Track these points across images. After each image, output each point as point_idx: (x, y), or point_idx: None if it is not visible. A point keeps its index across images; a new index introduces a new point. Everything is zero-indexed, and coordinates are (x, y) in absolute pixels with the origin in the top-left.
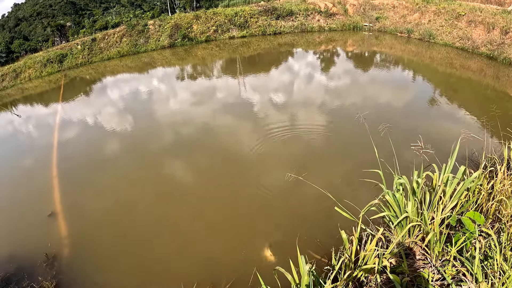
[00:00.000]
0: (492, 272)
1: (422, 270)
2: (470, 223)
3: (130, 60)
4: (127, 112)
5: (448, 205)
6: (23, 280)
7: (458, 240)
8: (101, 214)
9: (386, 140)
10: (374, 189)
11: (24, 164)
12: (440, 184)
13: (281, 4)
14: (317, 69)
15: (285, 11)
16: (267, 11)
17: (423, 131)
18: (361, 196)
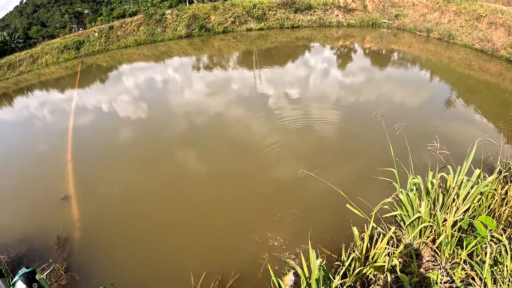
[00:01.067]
0: (501, 278)
1: (431, 272)
2: (481, 228)
3: (147, 49)
4: (142, 100)
5: (461, 208)
6: (34, 261)
7: (469, 243)
8: (113, 199)
9: (401, 139)
10: (387, 188)
11: (39, 148)
12: (454, 186)
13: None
14: (333, 65)
15: (303, 4)
16: (286, 4)
17: (439, 132)
18: (374, 194)
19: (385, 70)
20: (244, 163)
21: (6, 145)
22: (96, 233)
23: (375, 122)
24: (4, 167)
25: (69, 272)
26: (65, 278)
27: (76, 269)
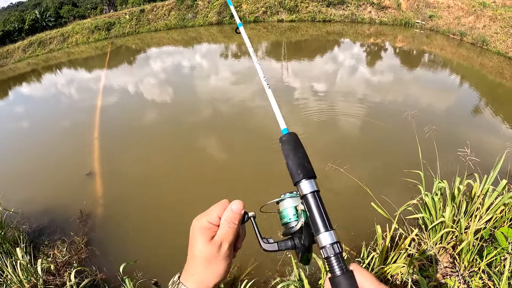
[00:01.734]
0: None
1: (449, 278)
2: (503, 239)
3: (177, 34)
4: (168, 84)
5: (484, 217)
6: (55, 233)
7: (489, 253)
8: (135, 179)
9: (430, 142)
10: (411, 190)
11: (67, 124)
12: (479, 194)
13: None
14: (363, 62)
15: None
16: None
17: (467, 139)
18: (398, 194)
19: (415, 71)
20: (265, 152)
21: (34, 121)
22: (117, 210)
23: (403, 123)
24: (32, 141)
25: (89, 246)
26: (85, 252)
27: (96, 244)
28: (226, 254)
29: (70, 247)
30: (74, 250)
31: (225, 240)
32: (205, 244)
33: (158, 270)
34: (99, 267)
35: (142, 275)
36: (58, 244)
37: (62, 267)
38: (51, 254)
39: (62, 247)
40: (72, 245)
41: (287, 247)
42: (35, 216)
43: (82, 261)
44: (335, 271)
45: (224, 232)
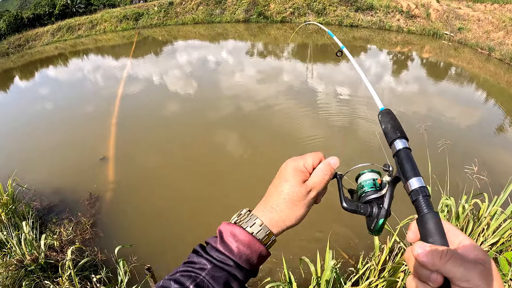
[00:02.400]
0: None
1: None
2: (505, 264)
3: (204, 28)
4: (192, 78)
5: (488, 239)
6: (64, 212)
7: None
8: (147, 168)
9: (442, 157)
10: None
11: (87, 108)
12: (486, 215)
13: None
14: (388, 70)
15: (365, 4)
16: (347, 2)
17: (482, 157)
18: (404, 207)
19: (440, 83)
20: (281, 152)
21: (57, 103)
22: (126, 197)
23: (418, 135)
24: (53, 122)
25: (94, 228)
26: (89, 233)
27: (101, 226)
28: (310, 201)
29: (76, 226)
30: (80, 230)
31: (314, 188)
32: (297, 185)
33: (154, 258)
34: (100, 248)
35: (136, 260)
36: (65, 223)
37: (66, 245)
38: (57, 231)
39: (68, 226)
40: (78, 225)
41: (365, 211)
42: (46, 194)
43: (86, 241)
44: (423, 210)
45: (316, 180)
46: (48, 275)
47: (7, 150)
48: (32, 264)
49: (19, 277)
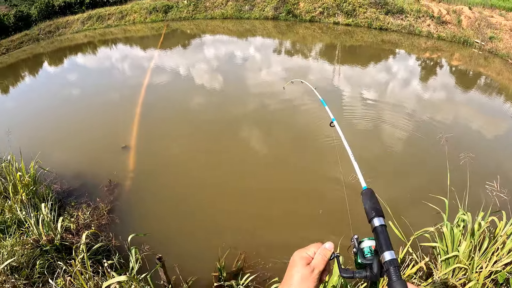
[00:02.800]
0: None
1: None
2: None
3: (232, 24)
4: (218, 72)
5: (503, 259)
6: (83, 196)
7: None
8: (167, 159)
9: (463, 170)
10: (434, 216)
11: (113, 97)
12: (502, 234)
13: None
14: (415, 76)
15: (396, 7)
16: (378, 4)
17: (505, 173)
18: (418, 217)
19: (468, 93)
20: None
21: (84, 88)
22: (144, 186)
23: (439, 145)
24: (78, 109)
25: (111, 214)
26: (106, 218)
27: (118, 213)
28: (315, 277)
29: (93, 211)
30: (97, 215)
31: (316, 267)
32: (303, 266)
33: (166, 248)
34: (115, 234)
35: (149, 248)
36: (83, 207)
37: (82, 228)
38: (74, 215)
39: (86, 210)
40: (96, 210)
41: (360, 275)
42: (67, 178)
43: (102, 226)
44: (392, 278)
45: (317, 261)
46: (62, 256)
47: (32, 133)
48: (47, 245)
49: (34, 256)
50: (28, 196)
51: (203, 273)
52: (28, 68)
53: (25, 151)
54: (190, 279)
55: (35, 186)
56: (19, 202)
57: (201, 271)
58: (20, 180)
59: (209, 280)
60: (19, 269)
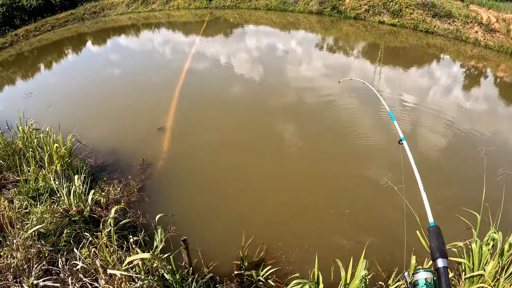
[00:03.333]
0: None
1: None
2: None
3: (276, 16)
4: (258, 63)
5: None
6: (115, 172)
7: None
8: (202, 144)
9: (499, 186)
10: (463, 230)
11: (153, 79)
12: None
13: (441, 2)
14: (458, 83)
15: (444, 11)
16: (425, 6)
17: None
18: (448, 231)
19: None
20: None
21: (125, 69)
22: (176, 168)
23: (477, 158)
24: (119, 88)
25: (141, 192)
26: (135, 196)
27: (148, 192)
28: None
29: (124, 188)
30: (127, 192)
31: None
32: None
33: (191, 231)
34: (143, 212)
35: (175, 230)
36: (115, 183)
37: (112, 203)
38: (105, 189)
39: (117, 186)
40: (127, 187)
41: None
42: (102, 153)
43: (131, 203)
44: None
45: None
46: (89, 227)
47: (72, 108)
48: (76, 215)
49: (62, 225)
50: (63, 167)
51: (225, 259)
52: (72, 46)
53: (63, 125)
54: (211, 263)
55: (70, 158)
56: (53, 172)
57: (223, 258)
58: (56, 152)
59: (230, 267)
60: (46, 236)
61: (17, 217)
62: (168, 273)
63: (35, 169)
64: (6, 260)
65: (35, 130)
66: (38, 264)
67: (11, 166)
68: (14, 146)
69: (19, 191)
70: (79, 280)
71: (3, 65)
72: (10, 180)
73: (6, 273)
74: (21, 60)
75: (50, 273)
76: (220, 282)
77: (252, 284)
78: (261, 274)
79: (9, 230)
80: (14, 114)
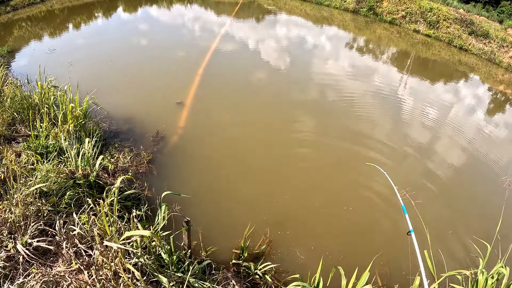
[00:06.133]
0: None
1: None
2: None
3: (310, 8)
4: (285, 52)
5: None
6: (128, 141)
7: None
8: (218, 125)
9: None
10: (470, 258)
11: (179, 53)
12: None
13: (479, 21)
14: (483, 106)
15: (481, 30)
16: (463, 22)
17: None
18: (456, 255)
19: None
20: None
21: (152, 41)
22: (189, 145)
23: (498, 186)
24: (144, 58)
25: (151, 165)
26: (144, 167)
27: (157, 165)
28: None
29: (134, 157)
30: (136, 162)
31: None
32: None
33: (195, 212)
34: (150, 185)
35: (179, 209)
36: (126, 151)
37: (119, 171)
38: (115, 156)
39: (127, 155)
40: (137, 157)
41: None
42: (117, 120)
43: (138, 174)
44: None
45: None
46: (93, 193)
47: (95, 71)
48: (81, 179)
49: (65, 186)
50: (76, 128)
51: (225, 246)
52: (103, 10)
53: (82, 86)
54: (210, 248)
55: (84, 120)
56: (66, 132)
57: (223, 244)
58: (71, 111)
59: (229, 255)
60: (48, 195)
61: (22, 172)
62: (166, 253)
63: (47, 126)
64: (4, 214)
65: (53, 87)
66: (36, 223)
67: (24, 119)
68: (31, 100)
69: (28, 146)
70: (74, 245)
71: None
72: (21, 133)
73: (2, 228)
74: (50, 18)
75: (46, 234)
76: (216, 269)
77: (248, 276)
78: (259, 268)
79: (11, 184)
80: (35, 69)
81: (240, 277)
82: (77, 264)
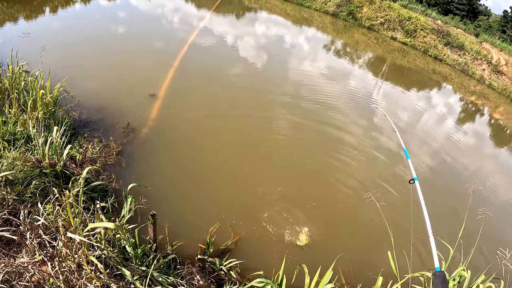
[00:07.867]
0: None
1: None
2: None
3: (291, 8)
4: (263, 50)
5: None
6: (98, 131)
7: None
8: (191, 119)
9: (477, 226)
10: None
11: (155, 44)
12: None
13: (456, 33)
14: (453, 114)
15: (457, 42)
16: (440, 32)
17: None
18: (419, 258)
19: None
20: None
21: (129, 29)
22: (160, 138)
23: (462, 192)
24: (119, 46)
25: (119, 157)
26: (113, 159)
27: (126, 157)
28: None
29: (103, 148)
30: (105, 153)
31: None
32: None
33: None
34: (118, 177)
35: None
36: (95, 141)
37: (87, 162)
38: (84, 146)
39: (96, 145)
40: (106, 148)
41: None
42: (88, 109)
43: (107, 165)
44: None
45: None
46: (59, 183)
47: (69, 56)
48: (48, 168)
49: (32, 175)
50: (45, 115)
51: (191, 241)
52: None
53: (54, 72)
54: (176, 242)
55: (54, 107)
56: (34, 119)
57: (189, 239)
58: (41, 98)
59: (195, 250)
60: (13, 184)
61: None
62: (130, 246)
63: (16, 112)
64: None
65: (24, 72)
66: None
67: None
68: (0, 85)
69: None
70: (38, 236)
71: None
72: None
73: None
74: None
75: (10, 224)
76: (181, 264)
77: (213, 272)
78: (225, 264)
79: None
80: (7, 53)
81: (205, 273)
82: (40, 256)
